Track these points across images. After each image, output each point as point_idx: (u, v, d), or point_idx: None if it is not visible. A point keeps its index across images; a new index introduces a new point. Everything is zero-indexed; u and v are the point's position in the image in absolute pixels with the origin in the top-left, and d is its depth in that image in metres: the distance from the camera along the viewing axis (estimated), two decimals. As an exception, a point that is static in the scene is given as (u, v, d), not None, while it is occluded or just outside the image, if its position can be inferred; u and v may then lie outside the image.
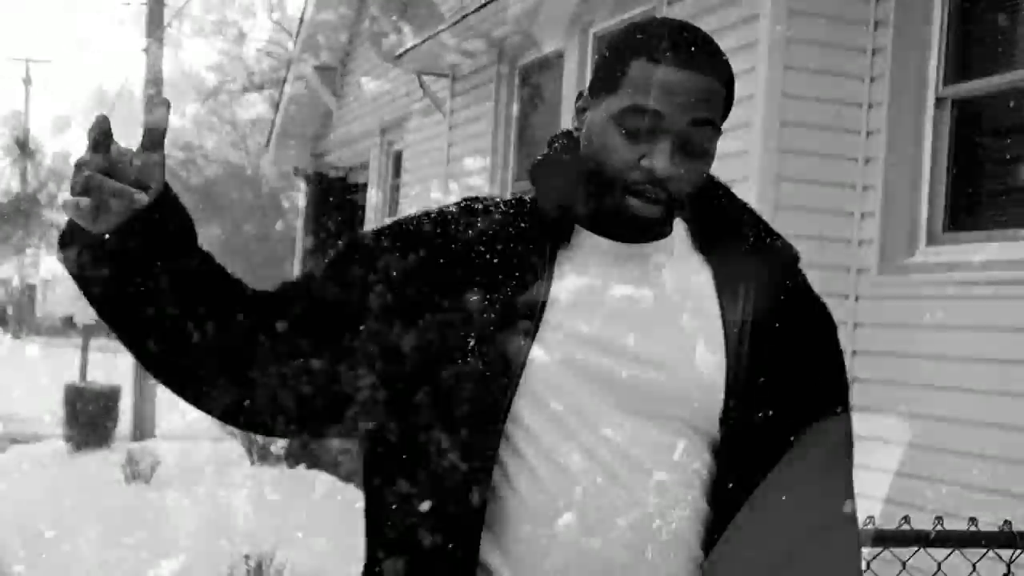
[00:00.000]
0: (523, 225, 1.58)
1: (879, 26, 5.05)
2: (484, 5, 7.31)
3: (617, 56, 1.56)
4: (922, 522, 2.52)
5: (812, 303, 1.65)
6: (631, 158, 1.51)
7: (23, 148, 41.59)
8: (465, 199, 1.65)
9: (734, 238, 1.62)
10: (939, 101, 4.91)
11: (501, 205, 1.62)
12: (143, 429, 13.72)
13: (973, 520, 2.50)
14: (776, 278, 1.62)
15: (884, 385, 4.88)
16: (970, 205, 4.93)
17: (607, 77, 1.56)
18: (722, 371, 1.53)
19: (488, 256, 1.55)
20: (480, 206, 1.62)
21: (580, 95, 1.63)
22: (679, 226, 1.63)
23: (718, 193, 1.65)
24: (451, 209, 1.62)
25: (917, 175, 4.95)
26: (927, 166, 4.93)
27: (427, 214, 1.62)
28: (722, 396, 1.52)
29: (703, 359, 1.53)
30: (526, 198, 1.64)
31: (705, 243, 1.63)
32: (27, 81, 43.53)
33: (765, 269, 1.61)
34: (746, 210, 1.66)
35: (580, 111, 1.61)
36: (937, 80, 4.92)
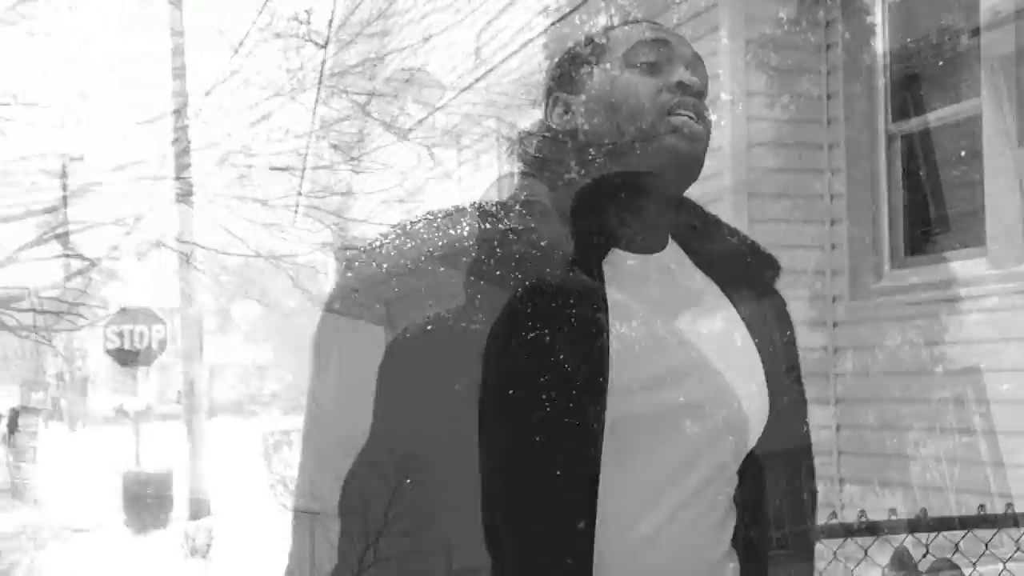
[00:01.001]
0: (543, 244, 1.37)
1: (831, 73, 5.47)
2: (479, 79, 7.78)
3: (587, 43, 1.51)
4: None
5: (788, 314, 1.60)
6: (658, 84, 1.44)
7: (64, 243, 42.45)
8: (450, 211, 1.44)
9: (723, 251, 1.54)
10: (889, 138, 5.32)
11: (511, 215, 1.43)
12: (199, 508, 14.07)
13: (893, 511, 2.89)
14: (775, 295, 1.57)
15: (863, 403, 5.25)
16: (926, 229, 5.30)
17: (586, 57, 1.49)
18: (766, 399, 1.46)
19: (531, 283, 1.33)
20: (504, 226, 1.40)
21: (555, 100, 1.51)
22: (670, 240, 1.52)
23: (691, 205, 1.55)
24: (463, 244, 1.37)
25: (878, 207, 5.33)
26: (884, 197, 5.32)
27: (439, 250, 1.36)
28: (765, 423, 1.46)
29: (758, 389, 1.46)
30: (518, 208, 1.45)
31: (697, 256, 1.52)
32: (63, 176, 44.51)
33: (763, 283, 1.56)
34: (723, 222, 1.57)
35: (564, 109, 1.49)
36: (886, 119, 5.32)
